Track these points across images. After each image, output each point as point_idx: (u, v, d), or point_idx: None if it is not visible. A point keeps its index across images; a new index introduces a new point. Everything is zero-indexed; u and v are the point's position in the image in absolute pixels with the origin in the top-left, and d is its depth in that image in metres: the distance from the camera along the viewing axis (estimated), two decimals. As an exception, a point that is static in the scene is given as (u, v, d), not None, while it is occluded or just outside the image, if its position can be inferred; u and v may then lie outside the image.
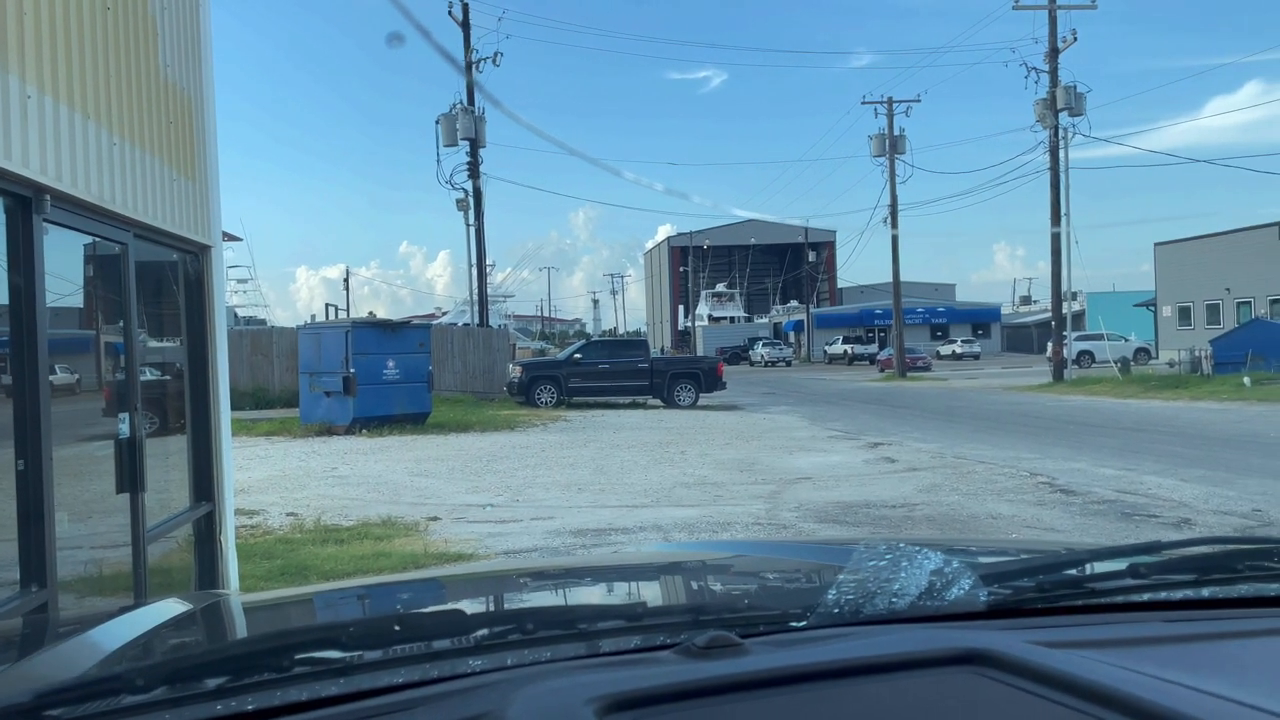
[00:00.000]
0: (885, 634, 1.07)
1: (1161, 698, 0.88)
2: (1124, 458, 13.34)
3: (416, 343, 20.59)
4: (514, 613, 1.23)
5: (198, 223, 4.96)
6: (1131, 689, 0.90)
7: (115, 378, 4.59)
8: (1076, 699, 0.90)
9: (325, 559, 7.75)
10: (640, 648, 1.06)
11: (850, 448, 15.78)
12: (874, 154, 42.26)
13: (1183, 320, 46.26)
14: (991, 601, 1.18)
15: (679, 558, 2.08)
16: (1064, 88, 32.84)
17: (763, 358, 63.44)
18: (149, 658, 1.18)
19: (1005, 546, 1.97)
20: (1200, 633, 1.14)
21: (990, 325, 73.42)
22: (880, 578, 1.19)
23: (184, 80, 4.82)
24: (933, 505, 10.05)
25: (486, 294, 34.60)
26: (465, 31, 32.32)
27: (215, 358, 5.22)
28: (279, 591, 3.40)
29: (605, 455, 15.09)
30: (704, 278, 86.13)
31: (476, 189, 31.94)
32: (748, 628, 1.09)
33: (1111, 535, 8.43)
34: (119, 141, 3.94)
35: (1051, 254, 33.37)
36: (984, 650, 1.01)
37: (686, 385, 26.07)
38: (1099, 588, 1.26)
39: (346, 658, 0.97)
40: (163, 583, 4.94)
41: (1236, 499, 9.88)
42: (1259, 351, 28.31)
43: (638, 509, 10.21)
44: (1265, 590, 1.27)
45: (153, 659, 1.14)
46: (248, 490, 11.71)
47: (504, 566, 3.48)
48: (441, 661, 0.99)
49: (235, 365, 23.90)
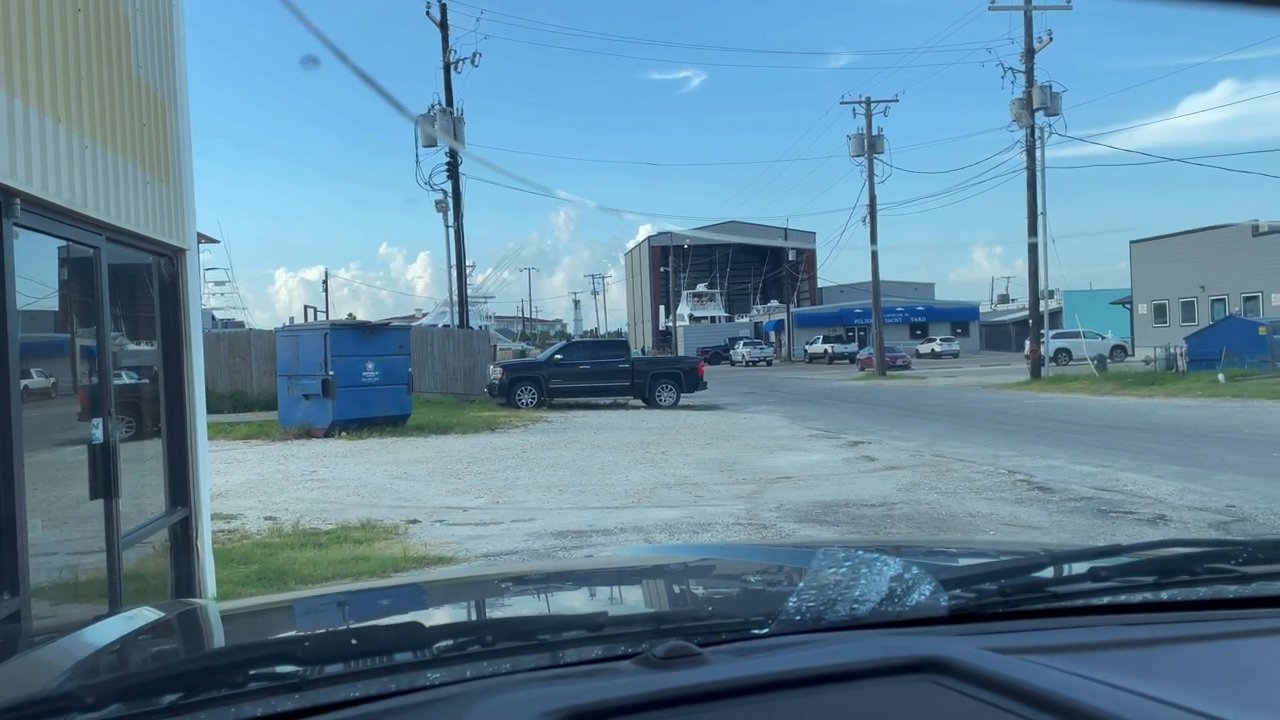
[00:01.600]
0: (843, 642, 1.08)
1: (1109, 705, 0.89)
2: (1100, 454, 13.45)
3: (396, 344, 20.50)
4: (475, 623, 1.23)
5: (171, 226, 4.93)
6: (1081, 696, 0.91)
7: (90, 382, 4.55)
8: (1027, 706, 0.91)
9: (304, 563, 7.70)
10: (601, 658, 1.06)
11: (830, 446, 15.84)
12: (853, 154, 42.44)
13: (1158, 318, 46.72)
14: (953, 607, 1.19)
15: (648, 563, 2.09)
16: (1040, 87, 33.10)
17: (744, 357, 63.58)
18: (106, 672, 1.17)
19: (975, 548, 1.98)
20: (1156, 637, 1.15)
21: (969, 324, 73.93)
22: (841, 584, 1.19)
23: (157, 82, 4.78)
24: (912, 504, 10.10)
25: (467, 295, 34.50)
26: (443, 32, 32.24)
27: (191, 361, 5.19)
28: (251, 599, 3.38)
29: (586, 456, 15.08)
30: (685, 278, 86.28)
31: (456, 190, 31.87)
32: (709, 636, 1.09)
33: (1088, 532, 8.50)
34: (90, 145, 3.91)
35: (1028, 252, 33.65)
36: (939, 658, 1.02)
37: (667, 385, 26.09)
38: (1060, 591, 1.27)
39: (303, 672, 0.96)
40: (139, 589, 4.89)
41: (1211, 495, 9.98)
42: (1233, 348, 28.64)
43: (619, 510, 10.20)
44: (1224, 592, 1.28)
45: (107, 675, 1.13)
46: (226, 494, 11.63)
47: (473, 573, 3.47)
48: (400, 674, 0.99)
49: (213, 368, 23.73)
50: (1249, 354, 28.21)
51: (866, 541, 5.07)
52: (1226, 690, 0.98)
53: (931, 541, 5.63)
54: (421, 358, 26.63)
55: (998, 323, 76.69)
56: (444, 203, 32.24)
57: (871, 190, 41.66)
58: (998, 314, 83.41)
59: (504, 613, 1.57)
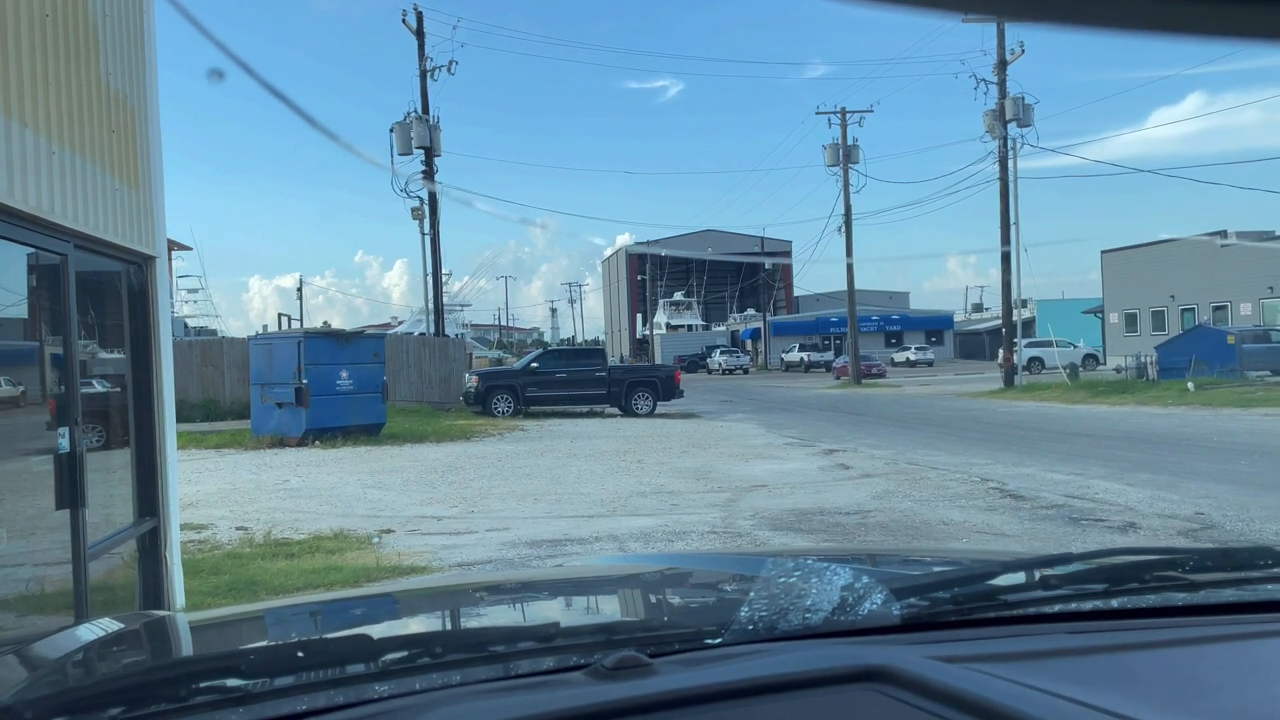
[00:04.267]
0: (793, 651, 1.08)
1: (1046, 713, 0.90)
2: (1072, 462, 13.58)
3: (371, 353, 20.39)
4: (427, 635, 1.22)
5: (141, 233, 4.88)
6: (1019, 704, 0.92)
7: (60, 390, 4.50)
8: (966, 715, 0.92)
9: (275, 574, 7.64)
10: (553, 669, 1.05)
11: (806, 455, 15.89)
12: (828, 163, 42.71)
13: (1129, 327, 47.27)
14: (906, 615, 1.19)
15: (612, 572, 2.08)
16: (1012, 99, 33.45)
17: (720, 366, 63.70)
18: (49, 687, 1.16)
19: (945, 557, 1.99)
20: (1103, 644, 1.16)
21: (944, 332, 74.47)
22: (793, 594, 1.20)
23: (127, 88, 4.75)
24: (886, 512, 10.15)
25: (443, 303, 34.39)
26: (420, 40, 32.19)
27: (160, 370, 5.14)
28: (213, 610, 3.35)
29: (562, 465, 15.05)
30: (662, 286, 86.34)
31: (432, 197, 31.76)
32: (662, 646, 1.09)
33: (1059, 540, 8.57)
34: (58, 151, 3.87)
35: (1001, 262, 33.98)
36: (884, 667, 1.02)
37: (644, 393, 26.09)
38: (1012, 600, 1.28)
39: (249, 685, 0.96)
40: (106, 600, 4.83)
41: (1180, 502, 10.10)
42: (1202, 357, 29.01)
43: (594, 519, 10.19)
44: (1172, 600, 1.30)
45: (49, 689, 1.12)
46: (197, 504, 11.51)
47: (436, 584, 3.45)
48: (348, 687, 0.98)
49: (185, 377, 23.49)
50: (1218, 363, 28.59)
51: (841, 551, 5.10)
52: (1165, 697, 0.99)
53: (905, 550, 5.66)
54: (397, 366, 26.49)
55: (972, 331, 77.28)
56: (420, 210, 32.15)
57: (847, 200, 41.94)
58: (972, 323, 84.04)
59: (458, 624, 1.56)
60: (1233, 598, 1.32)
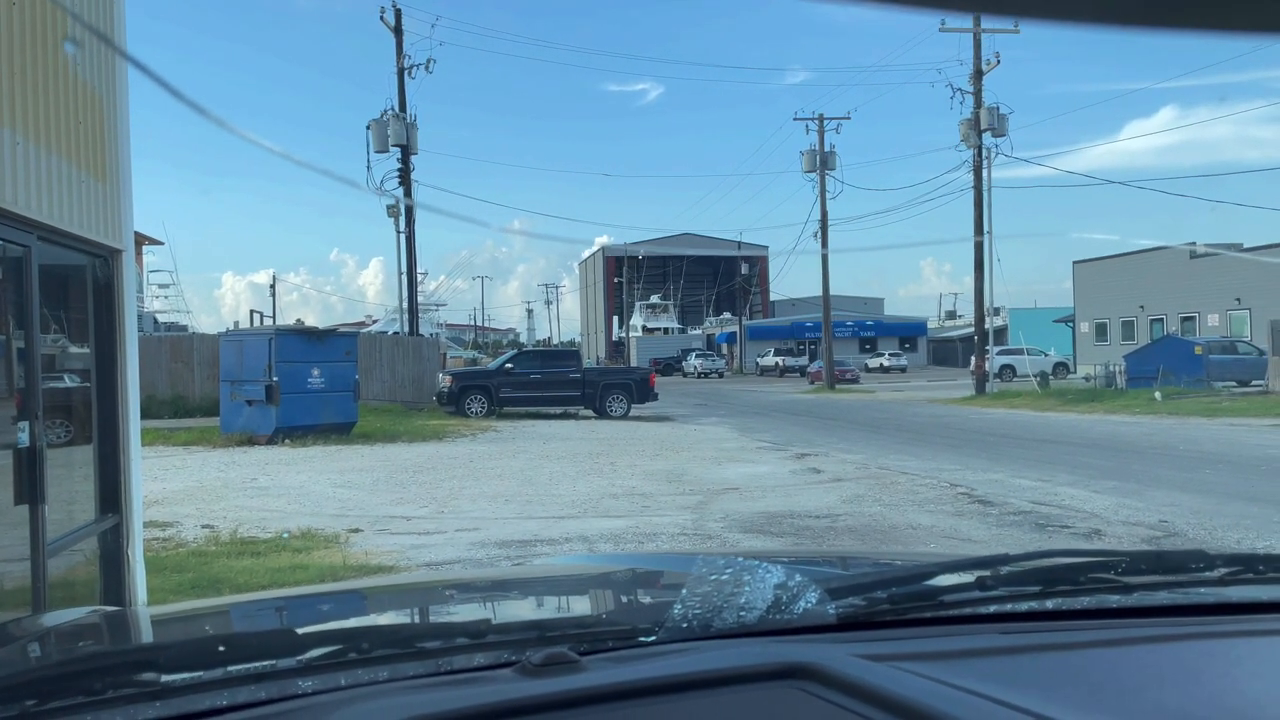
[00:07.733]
0: (723, 649, 1.08)
1: (960, 710, 0.91)
2: (1040, 469, 13.71)
3: (343, 351, 20.26)
4: (356, 631, 1.22)
5: (107, 225, 4.83)
6: (934, 702, 0.93)
7: (23, 385, 4.44)
8: (882, 712, 0.92)
9: (240, 572, 7.57)
10: (482, 666, 1.05)
11: (778, 459, 15.95)
12: (805, 169, 42.91)
13: (1099, 336, 47.81)
14: (841, 614, 1.20)
15: (557, 572, 2.08)
16: (987, 109, 33.76)
17: (696, 369, 63.78)
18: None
19: (902, 559, 2.00)
20: (1032, 644, 1.17)
21: (917, 339, 74.95)
22: (726, 592, 1.20)
23: (95, 78, 4.69)
24: (855, 516, 10.21)
25: (417, 302, 34.22)
26: (398, 37, 32.04)
27: (124, 364, 5.08)
28: (164, 606, 3.31)
29: (534, 466, 15.02)
30: (639, 289, 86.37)
31: (408, 195, 31.60)
32: (595, 644, 1.09)
33: (1025, 545, 8.65)
34: (22, 141, 3.82)
35: (975, 270, 34.25)
36: (808, 664, 1.03)
37: (618, 396, 26.08)
38: (946, 599, 1.29)
39: (168, 679, 0.95)
40: (65, 597, 4.77)
41: (1145, 510, 10.22)
42: (1169, 367, 29.41)
43: (565, 520, 10.17)
44: (1106, 602, 1.31)
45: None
46: (163, 501, 11.39)
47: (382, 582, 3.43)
48: (270, 682, 0.97)
49: (154, 373, 23.23)
50: (1185, 372, 28.98)
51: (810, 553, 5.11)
52: (1085, 697, 1.00)
53: (867, 553, 5.68)
54: (369, 365, 26.33)
55: (945, 338, 77.85)
56: (396, 208, 31.99)
57: (823, 205, 42.15)
58: (945, 330, 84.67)
59: (391, 620, 1.55)
60: (1165, 600, 1.34)
